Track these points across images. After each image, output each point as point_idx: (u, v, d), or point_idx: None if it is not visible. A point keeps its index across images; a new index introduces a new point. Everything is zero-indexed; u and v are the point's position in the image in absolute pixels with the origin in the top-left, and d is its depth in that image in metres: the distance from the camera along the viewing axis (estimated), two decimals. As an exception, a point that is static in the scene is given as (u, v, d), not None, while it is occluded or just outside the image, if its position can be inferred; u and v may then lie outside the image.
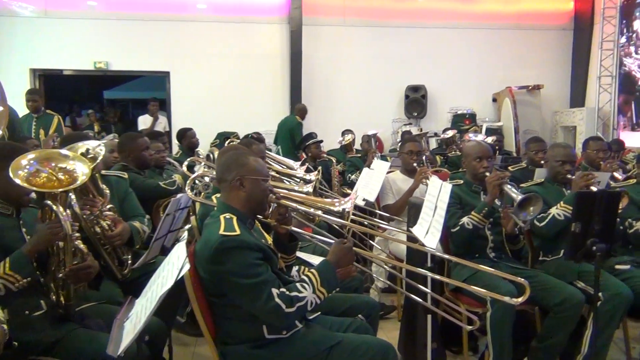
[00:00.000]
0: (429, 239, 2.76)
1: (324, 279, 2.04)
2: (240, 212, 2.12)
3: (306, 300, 1.99)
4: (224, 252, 1.94)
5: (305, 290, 2.00)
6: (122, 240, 2.72)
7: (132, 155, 3.83)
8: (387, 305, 4.22)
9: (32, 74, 8.82)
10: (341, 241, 2.17)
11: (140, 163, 3.85)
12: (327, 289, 2.04)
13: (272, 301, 1.93)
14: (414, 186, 4.04)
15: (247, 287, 1.94)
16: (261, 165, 2.21)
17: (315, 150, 5.95)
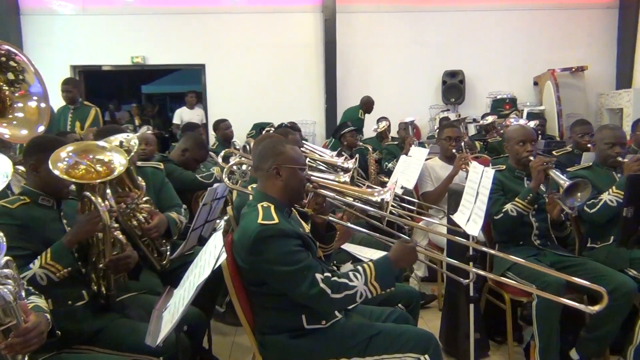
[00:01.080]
0: (470, 226, 2.69)
1: (380, 274, 1.98)
2: (277, 200, 2.09)
3: (356, 290, 1.94)
4: (263, 240, 1.92)
5: (357, 280, 1.95)
6: (159, 232, 2.73)
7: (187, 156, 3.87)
8: (428, 295, 4.15)
9: (72, 70, 9.02)
10: (404, 240, 2.10)
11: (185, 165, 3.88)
12: (380, 284, 1.97)
13: (317, 286, 1.89)
14: (453, 173, 3.95)
15: (289, 274, 1.91)
16: (298, 154, 2.17)
17: (351, 138, 5.89)
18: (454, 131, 4.19)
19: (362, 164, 5.99)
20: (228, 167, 2.58)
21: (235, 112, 8.58)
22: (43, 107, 3.54)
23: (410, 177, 4.23)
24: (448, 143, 4.14)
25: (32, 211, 2.23)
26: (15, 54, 3.25)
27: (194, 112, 9.21)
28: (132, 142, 2.76)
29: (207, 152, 4.00)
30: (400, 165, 4.66)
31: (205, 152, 3.93)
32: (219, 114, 7.43)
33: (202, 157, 3.89)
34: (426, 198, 4.14)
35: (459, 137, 4.17)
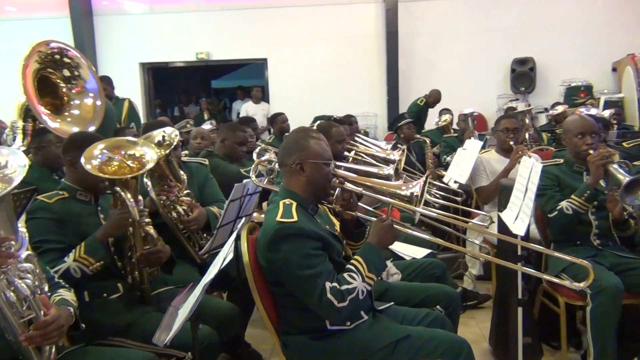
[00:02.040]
0: (518, 225, 2.51)
1: (370, 264, 1.95)
2: (301, 197, 2.04)
3: (357, 290, 1.88)
4: (279, 239, 1.88)
5: (355, 281, 1.90)
6: (198, 225, 2.75)
7: (227, 143, 3.90)
8: (482, 294, 3.96)
9: (141, 67, 9.38)
10: (380, 220, 2.05)
11: (230, 154, 3.91)
12: (375, 273, 1.96)
13: (325, 296, 1.84)
14: (509, 166, 3.74)
15: (301, 278, 1.86)
16: (323, 148, 2.10)
17: (408, 131, 5.72)
18: (512, 122, 3.96)
19: (420, 157, 5.83)
20: (255, 164, 2.56)
21: (297, 106, 8.63)
22: (98, 105, 3.65)
23: (463, 171, 4.06)
24: (505, 135, 3.92)
25: (69, 206, 2.30)
26: (67, 50, 3.36)
27: (259, 107, 9.31)
28: (173, 135, 2.78)
29: (243, 132, 3.99)
30: (455, 159, 4.50)
31: (242, 133, 3.94)
32: (282, 108, 7.47)
33: (242, 139, 3.89)
34: (480, 193, 3.96)
35: (516, 128, 3.93)
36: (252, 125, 5.29)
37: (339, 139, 3.56)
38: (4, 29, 8.97)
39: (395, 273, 2.74)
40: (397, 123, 5.86)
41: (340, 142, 3.58)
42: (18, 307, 1.58)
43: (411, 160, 5.51)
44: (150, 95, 9.64)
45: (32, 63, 3.28)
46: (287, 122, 6.37)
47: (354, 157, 3.92)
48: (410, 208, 2.02)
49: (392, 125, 6.07)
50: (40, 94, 3.36)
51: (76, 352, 1.90)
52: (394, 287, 2.53)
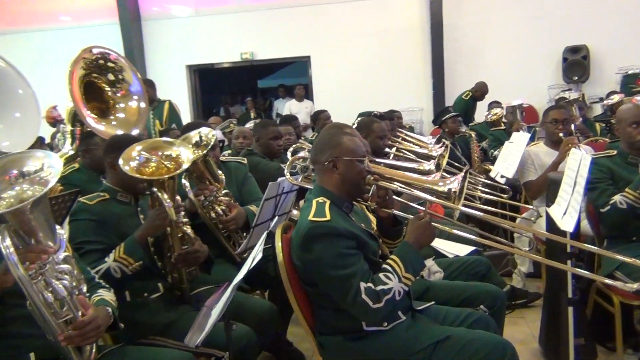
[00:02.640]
0: (566, 221, 2.39)
1: (408, 264, 1.89)
2: (334, 195, 2.01)
3: (393, 291, 1.83)
4: (312, 239, 1.85)
5: (391, 281, 1.84)
6: (236, 225, 2.76)
7: (261, 142, 3.90)
8: (532, 293, 3.80)
9: (188, 70, 9.57)
10: (418, 217, 1.99)
11: (267, 151, 3.91)
12: (412, 273, 1.90)
13: (359, 297, 1.80)
14: (558, 159, 3.59)
15: (335, 278, 1.83)
16: (356, 145, 2.06)
17: (453, 125, 5.58)
18: (561, 113, 3.80)
19: (466, 151, 5.69)
20: (290, 162, 2.54)
21: (340, 103, 8.59)
22: (143, 108, 3.72)
23: (510, 165, 3.93)
24: (554, 126, 3.77)
25: (110, 207, 2.34)
26: (108, 54, 3.43)
27: (303, 105, 9.31)
28: (210, 136, 2.80)
29: (275, 126, 3.99)
30: (502, 152, 4.36)
31: (274, 128, 3.93)
32: (325, 105, 7.45)
33: (275, 133, 3.88)
34: (528, 188, 3.82)
35: (566, 119, 3.77)
36: (294, 123, 5.28)
37: (380, 135, 3.50)
38: (60, 37, 9.33)
39: (437, 271, 2.67)
40: (442, 117, 5.74)
41: (382, 137, 3.53)
42: (56, 307, 1.61)
43: (456, 155, 5.38)
44: (197, 96, 9.82)
45: (77, 69, 3.38)
46: (329, 119, 6.31)
47: (395, 154, 3.85)
48: (449, 205, 1.94)
49: (437, 120, 5.95)
50: (87, 98, 3.46)
51: (116, 352, 1.93)
52: (436, 286, 2.46)
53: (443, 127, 5.70)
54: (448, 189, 2.00)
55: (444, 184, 2.01)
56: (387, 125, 3.98)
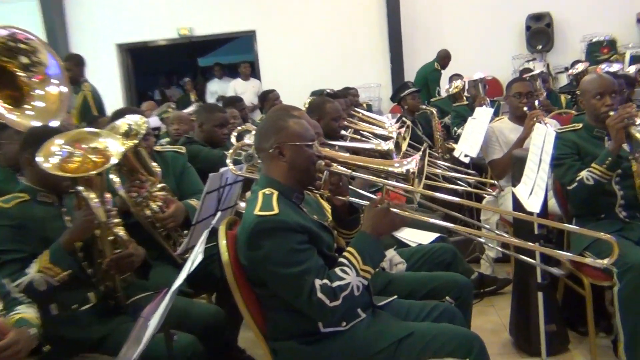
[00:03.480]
0: (532, 201, 2.44)
1: (366, 255, 1.89)
2: (282, 185, 1.98)
3: (351, 286, 1.83)
4: (259, 235, 1.83)
5: (348, 275, 1.84)
6: (176, 222, 2.70)
7: (204, 128, 3.82)
8: (501, 279, 3.89)
9: (118, 49, 9.28)
10: (374, 203, 2.00)
11: (210, 139, 3.83)
12: (371, 265, 1.90)
13: (314, 295, 1.79)
14: (523, 135, 3.67)
15: (287, 277, 1.82)
16: (304, 127, 2.04)
17: (412, 101, 5.61)
18: (524, 85, 3.89)
19: (428, 130, 5.76)
20: (234, 149, 2.49)
21: (291, 81, 8.55)
22: (64, 93, 3.56)
23: (473, 142, 3.99)
24: (518, 100, 3.84)
25: (30, 209, 2.23)
26: (17, 33, 3.26)
27: (249, 84, 9.20)
28: (140, 123, 2.71)
29: (222, 112, 3.91)
30: (465, 130, 4.43)
31: (220, 114, 3.85)
32: (274, 84, 7.38)
33: (221, 120, 3.81)
34: (494, 166, 3.91)
35: (530, 92, 3.86)
36: (239, 105, 5.21)
37: (333, 116, 3.48)
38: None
39: (399, 262, 2.68)
40: (400, 93, 5.77)
41: (336, 119, 3.51)
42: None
43: (417, 134, 5.44)
44: (129, 78, 9.55)
45: (-19, 55, 3.21)
46: (279, 100, 6.27)
47: (351, 136, 3.86)
48: (407, 188, 1.95)
49: (395, 96, 5.98)
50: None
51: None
52: (398, 278, 2.47)
53: (402, 104, 5.74)
54: (406, 170, 2.00)
55: (401, 165, 2.02)
56: (342, 105, 3.97)
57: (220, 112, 3.91)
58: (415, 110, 5.70)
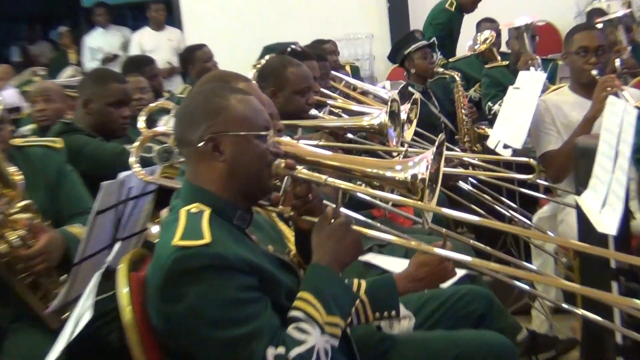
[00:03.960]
0: (606, 217, 2.51)
1: (328, 300, 1.96)
2: (218, 198, 2.03)
3: (316, 352, 1.88)
4: (180, 278, 1.86)
5: (309, 335, 1.89)
6: (48, 262, 2.71)
7: (92, 107, 3.83)
8: (563, 340, 3.98)
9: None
10: (324, 218, 2.09)
11: (102, 126, 3.86)
12: (340, 313, 1.97)
13: None
14: (591, 113, 3.75)
15: (223, 344, 1.85)
16: (253, 109, 2.10)
17: (422, 61, 5.70)
18: (593, 37, 3.99)
19: (447, 106, 5.87)
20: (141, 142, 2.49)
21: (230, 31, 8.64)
22: None
23: (517, 127, 4.06)
24: (583, 59, 3.94)
25: None
26: None
27: (164, 36, 9.25)
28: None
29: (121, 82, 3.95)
30: (505, 106, 4.50)
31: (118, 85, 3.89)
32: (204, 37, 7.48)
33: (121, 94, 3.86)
34: (548, 163, 3.98)
35: (602, 46, 3.95)
36: (148, 70, 5.27)
37: (299, 87, 3.57)
38: None
39: (404, 316, 2.73)
40: (404, 48, 5.84)
41: (303, 92, 3.57)
42: None
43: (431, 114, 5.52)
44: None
45: None
46: (212, 61, 6.33)
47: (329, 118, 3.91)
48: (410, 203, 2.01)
49: (396, 54, 6.05)
50: None
51: None
52: (403, 342, 2.52)
53: (407, 65, 5.81)
54: (411, 176, 2.05)
55: (404, 168, 2.06)
56: (314, 70, 4.01)
57: (117, 81, 3.94)
58: (428, 76, 5.80)
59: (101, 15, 9.96)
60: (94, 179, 3.19)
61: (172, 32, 9.31)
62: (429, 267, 2.20)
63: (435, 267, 2.20)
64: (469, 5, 7.85)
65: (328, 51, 5.99)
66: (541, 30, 7.45)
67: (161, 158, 2.63)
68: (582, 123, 3.81)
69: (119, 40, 9.54)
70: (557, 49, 7.94)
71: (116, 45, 9.41)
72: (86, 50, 9.76)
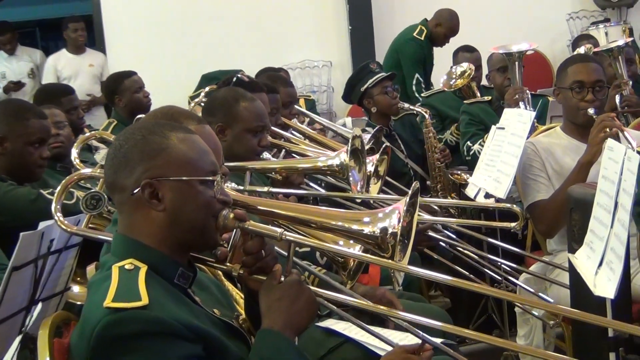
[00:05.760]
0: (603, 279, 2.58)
1: None
2: (156, 253, 2.06)
3: None
4: (112, 346, 1.87)
5: None
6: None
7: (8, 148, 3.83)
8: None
9: None
10: (272, 277, 2.14)
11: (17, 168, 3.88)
12: None
13: None
14: (586, 158, 3.83)
15: None
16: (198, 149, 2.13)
17: (383, 97, 5.73)
18: (589, 70, 4.08)
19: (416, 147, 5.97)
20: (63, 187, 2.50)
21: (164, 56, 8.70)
22: None
23: (501, 173, 4.12)
24: (578, 96, 4.04)
25: None
26: None
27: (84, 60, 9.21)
28: None
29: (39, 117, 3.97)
30: (487, 149, 4.56)
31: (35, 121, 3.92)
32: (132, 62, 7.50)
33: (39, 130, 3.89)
34: (537, 216, 4.07)
35: (599, 81, 4.05)
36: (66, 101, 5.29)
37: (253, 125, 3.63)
38: None
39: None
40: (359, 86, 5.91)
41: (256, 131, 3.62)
42: None
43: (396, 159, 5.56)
44: None
45: None
46: (143, 91, 6.35)
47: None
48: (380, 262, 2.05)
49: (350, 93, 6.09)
50: None
51: None
52: None
53: (366, 104, 5.86)
54: (381, 230, 2.09)
55: (373, 220, 2.11)
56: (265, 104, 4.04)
57: (37, 116, 3.97)
58: (392, 114, 5.89)
59: (5, 37, 9.53)
60: (3, 230, 3.23)
61: (93, 56, 9.30)
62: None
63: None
64: (440, 38, 8.04)
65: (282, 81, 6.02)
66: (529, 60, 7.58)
67: (88, 206, 2.62)
68: (576, 169, 3.88)
69: (27, 66, 9.45)
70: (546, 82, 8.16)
71: (24, 72, 9.32)
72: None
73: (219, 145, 2.54)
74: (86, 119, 6.57)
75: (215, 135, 2.60)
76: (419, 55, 7.96)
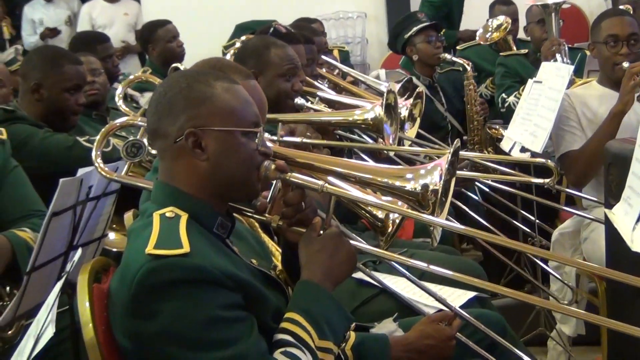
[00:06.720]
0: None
1: (321, 322, 2.02)
2: (197, 201, 2.06)
3: None
4: (153, 292, 1.88)
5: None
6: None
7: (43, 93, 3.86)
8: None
9: None
10: (313, 229, 2.15)
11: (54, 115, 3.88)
12: (332, 337, 2.04)
13: None
14: (618, 107, 3.79)
15: None
16: (242, 100, 2.13)
17: (425, 45, 5.73)
18: (624, 23, 4.05)
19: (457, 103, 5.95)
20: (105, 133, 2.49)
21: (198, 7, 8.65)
22: None
23: (538, 127, 4.10)
24: (612, 50, 4.01)
25: None
26: None
27: (119, 9, 9.17)
28: None
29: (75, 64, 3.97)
30: (523, 103, 4.53)
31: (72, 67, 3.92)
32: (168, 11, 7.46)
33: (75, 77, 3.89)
34: (569, 166, 4.05)
35: (635, 34, 4.01)
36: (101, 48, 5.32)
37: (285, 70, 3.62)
38: None
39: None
40: (404, 33, 5.87)
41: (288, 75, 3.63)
42: None
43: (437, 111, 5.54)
44: None
45: None
46: (177, 41, 6.35)
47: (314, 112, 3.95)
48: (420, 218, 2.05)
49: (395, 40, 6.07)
50: None
51: None
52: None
53: (409, 52, 5.85)
54: (422, 186, 2.09)
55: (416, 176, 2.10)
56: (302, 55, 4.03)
57: (72, 62, 3.96)
58: (434, 63, 5.85)
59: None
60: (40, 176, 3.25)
61: (128, 5, 9.23)
62: (434, 340, 2.24)
63: (441, 343, 2.24)
64: None
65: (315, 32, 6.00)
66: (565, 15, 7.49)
67: (129, 153, 2.62)
68: (607, 118, 3.85)
69: (65, 13, 9.35)
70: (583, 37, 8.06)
71: (61, 19, 9.23)
72: (25, 22, 9.56)
73: (264, 100, 2.55)
74: (120, 67, 6.58)
75: (261, 90, 2.60)
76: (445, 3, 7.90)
